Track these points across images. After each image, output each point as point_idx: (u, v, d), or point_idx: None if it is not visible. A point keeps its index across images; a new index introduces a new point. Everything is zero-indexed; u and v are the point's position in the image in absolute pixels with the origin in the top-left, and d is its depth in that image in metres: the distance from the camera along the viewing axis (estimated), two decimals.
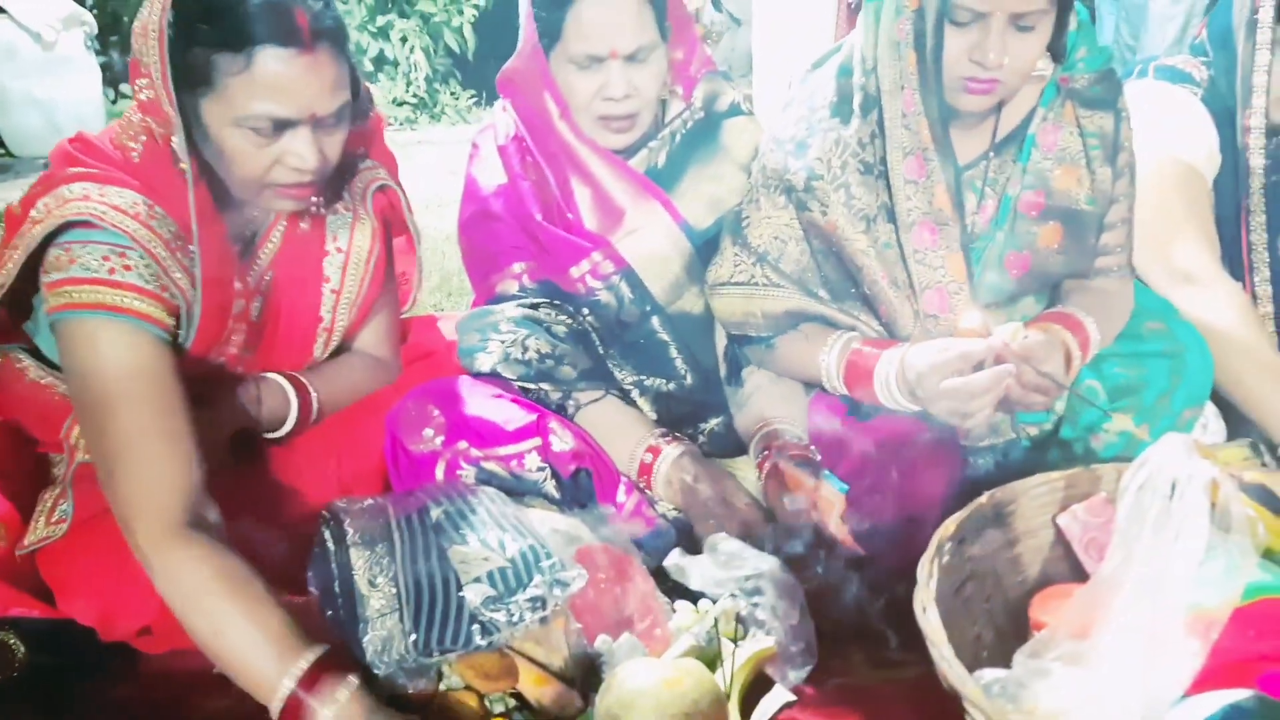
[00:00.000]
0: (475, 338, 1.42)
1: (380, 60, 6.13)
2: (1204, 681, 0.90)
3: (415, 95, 6.11)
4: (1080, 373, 1.35)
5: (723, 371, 1.52)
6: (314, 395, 1.37)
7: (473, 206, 1.49)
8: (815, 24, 4.83)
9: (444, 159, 5.21)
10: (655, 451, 1.41)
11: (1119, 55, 3.54)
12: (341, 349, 1.45)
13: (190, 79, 1.12)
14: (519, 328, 1.41)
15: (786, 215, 1.39)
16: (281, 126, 1.13)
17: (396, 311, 1.54)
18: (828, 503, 1.29)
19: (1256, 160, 1.63)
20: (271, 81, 1.10)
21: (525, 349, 1.40)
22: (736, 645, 1.15)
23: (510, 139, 1.46)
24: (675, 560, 1.22)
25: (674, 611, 1.22)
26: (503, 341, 1.41)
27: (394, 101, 6.05)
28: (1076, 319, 1.35)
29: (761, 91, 4.45)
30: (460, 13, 6.09)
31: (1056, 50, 1.31)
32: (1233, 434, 1.59)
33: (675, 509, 1.42)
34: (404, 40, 6.06)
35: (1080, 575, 1.12)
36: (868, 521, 1.30)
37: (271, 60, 1.10)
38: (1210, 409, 1.59)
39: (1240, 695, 0.87)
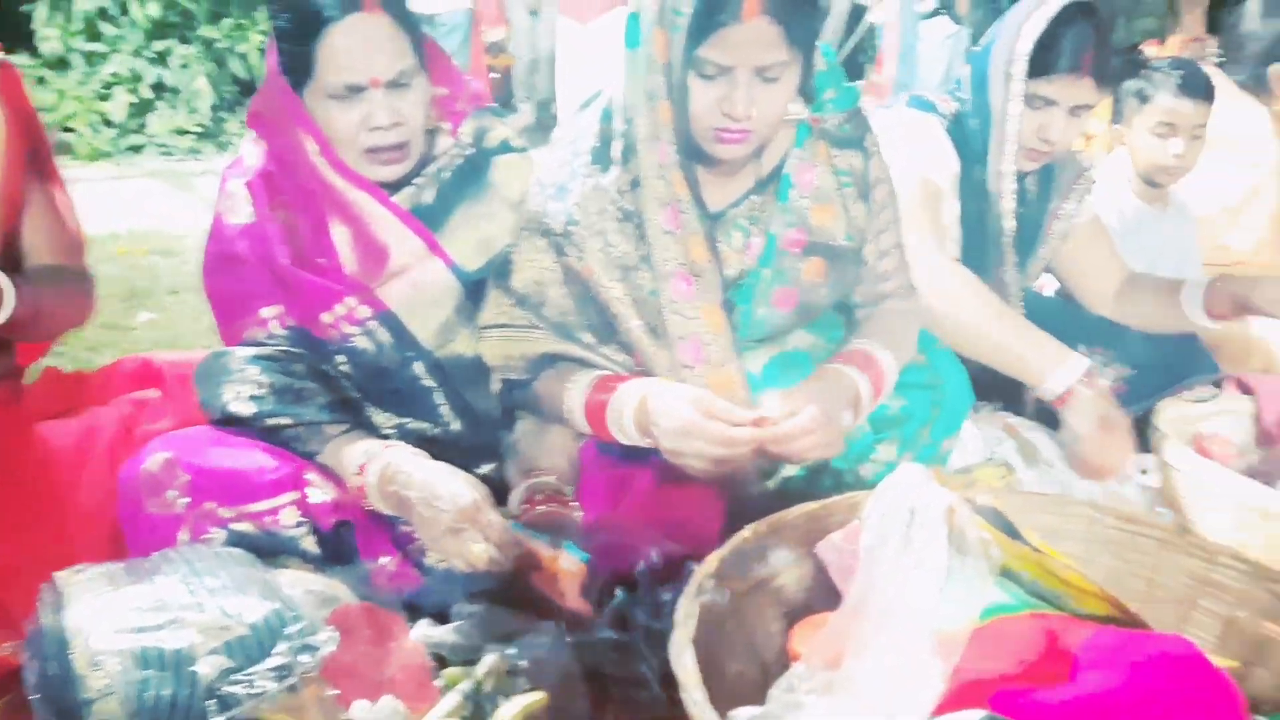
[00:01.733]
0: (210, 383, 1.34)
1: (160, 87, 5.83)
2: (942, 704, 0.93)
3: (199, 124, 5.83)
4: None
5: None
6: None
7: (216, 248, 1.40)
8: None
9: None
10: (363, 469, 1.30)
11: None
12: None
13: None
14: (251, 365, 1.34)
15: (547, 259, 1.37)
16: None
17: (55, 213, 1.46)
18: (567, 575, 1.25)
19: (1008, 204, 1.75)
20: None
21: (260, 385, 1.33)
22: (505, 700, 1.11)
23: (258, 174, 1.38)
24: (423, 631, 1.17)
25: (440, 669, 1.17)
26: (235, 381, 1.33)
27: (176, 130, 5.75)
28: (869, 354, 1.39)
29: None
30: (246, 39, 5.84)
31: (806, 92, 1.35)
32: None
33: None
34: (185, 66, 5.78)
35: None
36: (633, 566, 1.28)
37: None
38: (969, 430, 1.68)
39: (973, 716, 0.89)
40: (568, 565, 1.27)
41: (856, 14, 5.09)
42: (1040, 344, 1.66)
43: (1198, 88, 2.05)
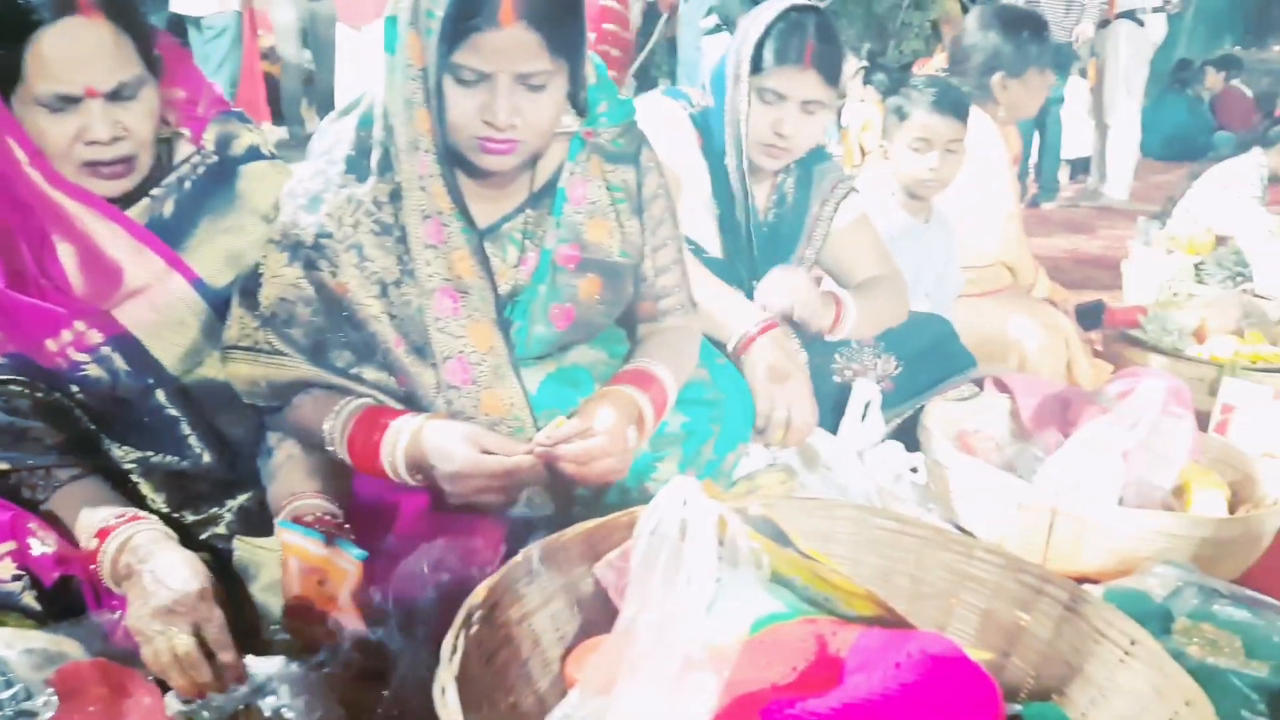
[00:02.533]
0: None
1: None
2: (717, 718, 0.92)
3: None
4: None
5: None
6: None
7: None
8: None
9: None
10: (104, 535, 1.19)
11: None
12: None
13: None
14: None
15: (293, 274, 1.27)
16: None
17: None
18: (340, 572, 1.18)
19: (750, 200, 1.82)
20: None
21: None
22: None
23: None
24: None
25: None
26: None
27: None
28: (649, 373, 1.37)
29: None
30: None
31: (579, 105, 1.33)
32: None
33: None
34: None
35: None
36: (405, 596, 1.21)
37: None
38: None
39: None
40: (343, 564, 1.18)
41: (647, 28, 5.17)
42: (729, 300, 1.73)
43: (951, 105, 2.16)
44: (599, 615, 1.14)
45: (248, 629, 1.21)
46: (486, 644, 1.01)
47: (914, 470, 1.87)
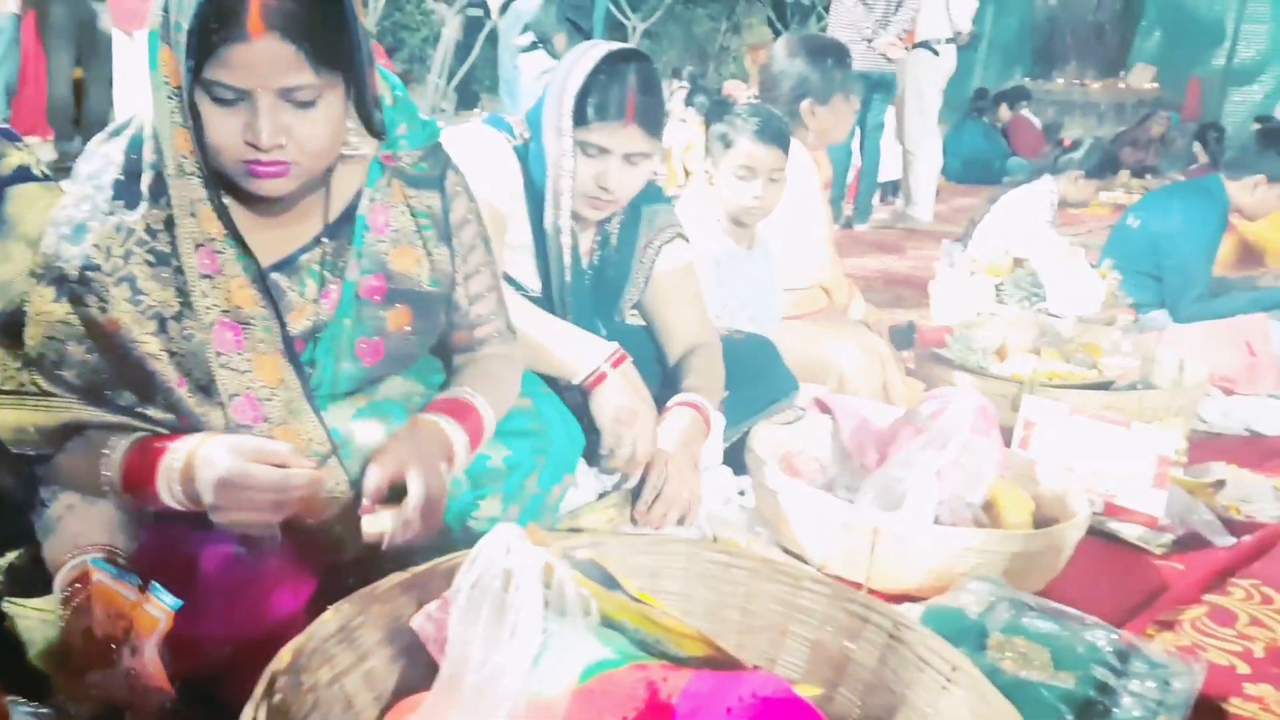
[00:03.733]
0: None
1: None
2: None
3: None
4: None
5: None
6: None
7: None
8: None
9: None
10: None
11: None
12: None
13: None
14: None
15: (61, 310, 1.14)
16: None
17: None
18: (149, 620, 1.06)
19: (567, 247, 1.77)
20: None
21: None
22: None
23: None
24: None
25: None
26: None
27: None
28: (465, 403, 1.30)
29: None
30: None
31: (372, 127, 1.23)
32: None
33: None
34: None
35: None
36: (199, 658, 1.11)
37: None
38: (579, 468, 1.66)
39: None
40: (154, 612, 1.06)
41: (468, 42, 5.09)
42: (571, 335, 1.70)
43: (774, 134, 2.20)
44: (418, 671, 1.08)
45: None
46: (293, 711, 0.93)
47: (742, 494, 1.88)
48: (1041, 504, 1.87)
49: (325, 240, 1.26)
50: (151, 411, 1.18)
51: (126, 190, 1.15)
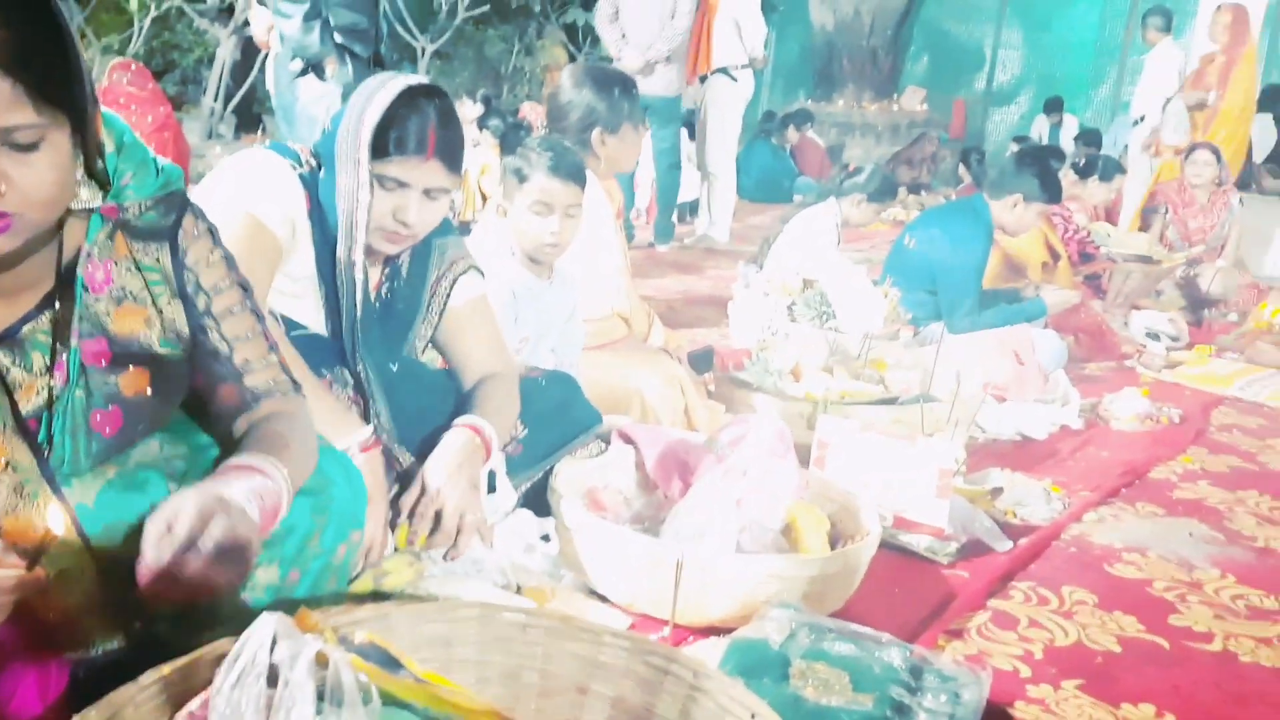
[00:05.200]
0: None
1: None
2: None
3: None
4: None
5: None
6: None
7: None
8: None
9: None
10: None
11: None
12: None
13: None
14: None
15: None
16: None
17: None
18: None
19: (359, 283, 1.69)
20: None
21: None
22: None
23: None
24: None
25: None
26: None
27: None
28: (251, 466, 1.16)
29: None
30: None
31: (95, 175, 1.11)
32: None
33: None
34: None
35: None
36: None
37: None
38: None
39: None
40: None
41: (246, 65, 4.85)
42: (333, 410, 1.63)
43: (569, 169, 2.18)
44: None
45: None
46: None
47: (545, 539, 1.84)
48: (836, 522, 1.93)
49: (53, 306, 1.13)
50: None
51: None
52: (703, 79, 6.28)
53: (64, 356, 1.13)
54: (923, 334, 3.37)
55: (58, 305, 1.13)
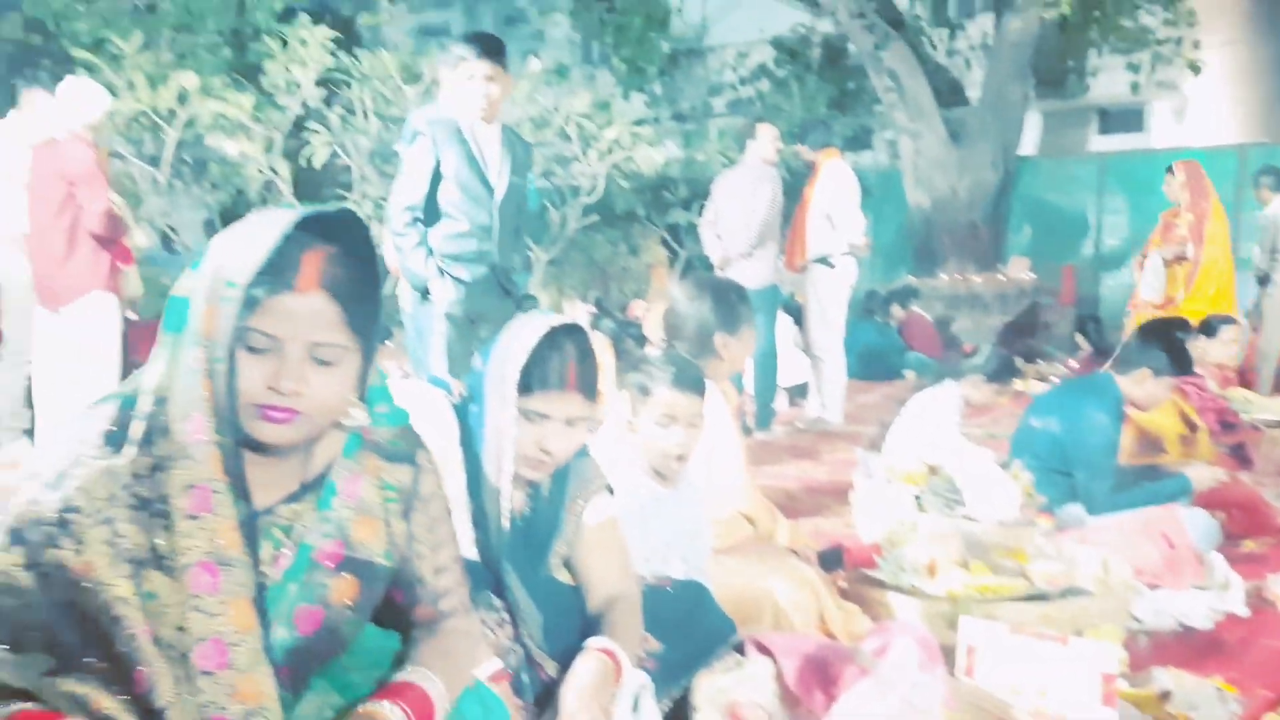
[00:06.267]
0: None
1: None
2: None
3: None
4: None
5: None
6: None
7: None
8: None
9: None
10: None
11: None
12: None
13: None
14: None
15: (8, 559, 1.14)
16: None
17: None
18: None
19: (505, 507, 1.79)
20: None
21: None
22: None
23: None
24: None
25: None
26: None
27: None
28: (419, 689, 1.28)
29: None
30: None
31: (364, 399, 1.30)
32: None
33: None
34: None
35: None
36: None
37: None
38: None
39: None
40: None
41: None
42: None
43: (691, 381, 2.25)
44: None
45: None
46: None
47: None
48: None
49: (293, 503, 1.28)
50: (66, 684, 1.15)
51: (115, 439, 1.18)
52: (803, 267, 6.43)
53: (287, 550, 1.27)
54: (1060, 518, 3.24)
55: (296, 503, 1.28)
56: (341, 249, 1.21)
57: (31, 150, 4.63)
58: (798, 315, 7.23)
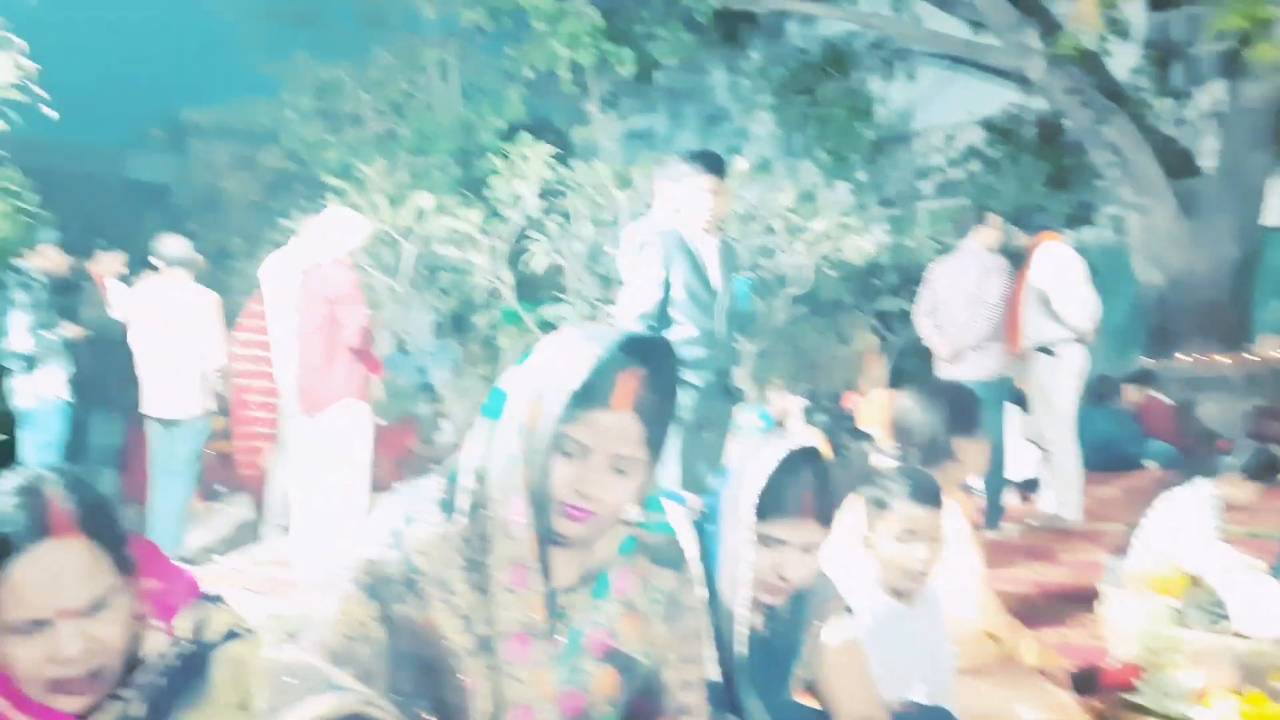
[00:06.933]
0: None
1: None
2: None
3: None
4: None
5: None
6: None
7: None
8: None
9: None
10: None
11: None
12: None
13: None
14: None
15: (365, 611, 1.30)
16: None
17: None
18: None
19: (742, 631, 1.79)
20: None
21: None
22: None
23: None
24: None
25: None
26: None
27: None
28: None
29: None
30: None
31: (642, 504, 1.41)
32: None
33: None
34: None
35: None
36: None
37: None
38: None
39: None
40: None
41: None
42: None
43: (928, 494, 2.20)
44: None
45: None
46: None
47: None
48: None
49: (572, 591, 1.40)
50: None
51: (446, 507, 1.35)
52: (1023, 354, 6.15)
53: (562, 634, 1.37)
54: None
55: (581, 591, 1.40)
56: (651, 371, 1.34)
57: (301, 274, 5.13)
58: (1024, 404, 6.91)
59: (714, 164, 3.91)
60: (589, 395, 1.30)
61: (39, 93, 5.55)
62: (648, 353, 1.36)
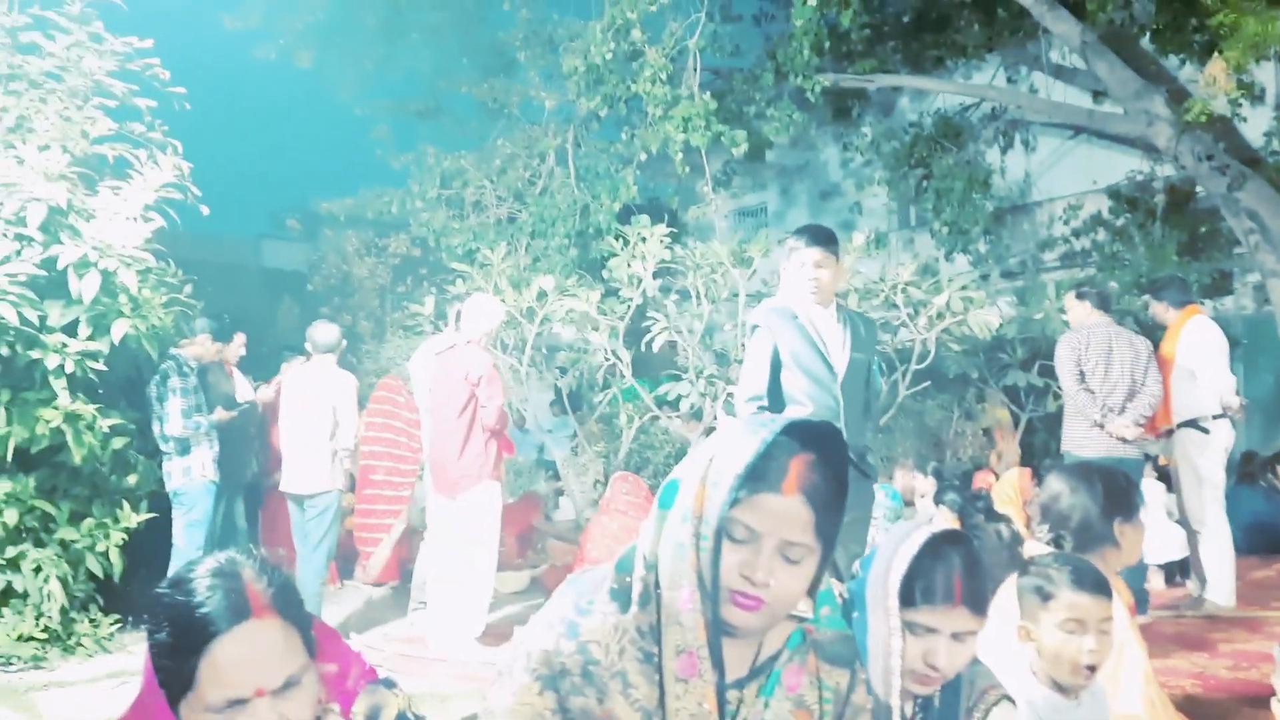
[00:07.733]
0: None
1: (8, 594, 5.21)
2: None
3: (46, 628, 5.17)
4: None
5: None
6: None
7: None
8: None
9: (78, 705, 4.40)
10: None
11: None
12: None
13: None
14: None
15: (543, 704, 1.29)
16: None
17: None
18: None
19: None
20: None
21: None
22: None
23: None
24: None
25: None
26: None
27: (19, 638, 5.08)
28: None
29: None
30: (107, 536, 5.33)
31: (812, 596, 1.39)
32: None
33: None
34: (37, 570, 5.19)
35: None
36: None
37: None
38: None
39: None
40: None
41: None
42: None
43: (1094, 582, 2.10)
44: None
45: None
46: None
47: None
48: None
49: (739, 684, 1.37)
50: None
51: (619, 595, 1.34)
52: (1167, 432, 5.86)
53: None
54: None
55: (750, 686, 1.38)
56: (820, 457, 1.32)
57: (434, 356, 5.30)
58: (1169, 481, 6.56)
59: (820, 237, 3.89)
60: (757, 479, 1.29)
61: (194, 190, 5.90)
62: (816, 438, 1.34)
